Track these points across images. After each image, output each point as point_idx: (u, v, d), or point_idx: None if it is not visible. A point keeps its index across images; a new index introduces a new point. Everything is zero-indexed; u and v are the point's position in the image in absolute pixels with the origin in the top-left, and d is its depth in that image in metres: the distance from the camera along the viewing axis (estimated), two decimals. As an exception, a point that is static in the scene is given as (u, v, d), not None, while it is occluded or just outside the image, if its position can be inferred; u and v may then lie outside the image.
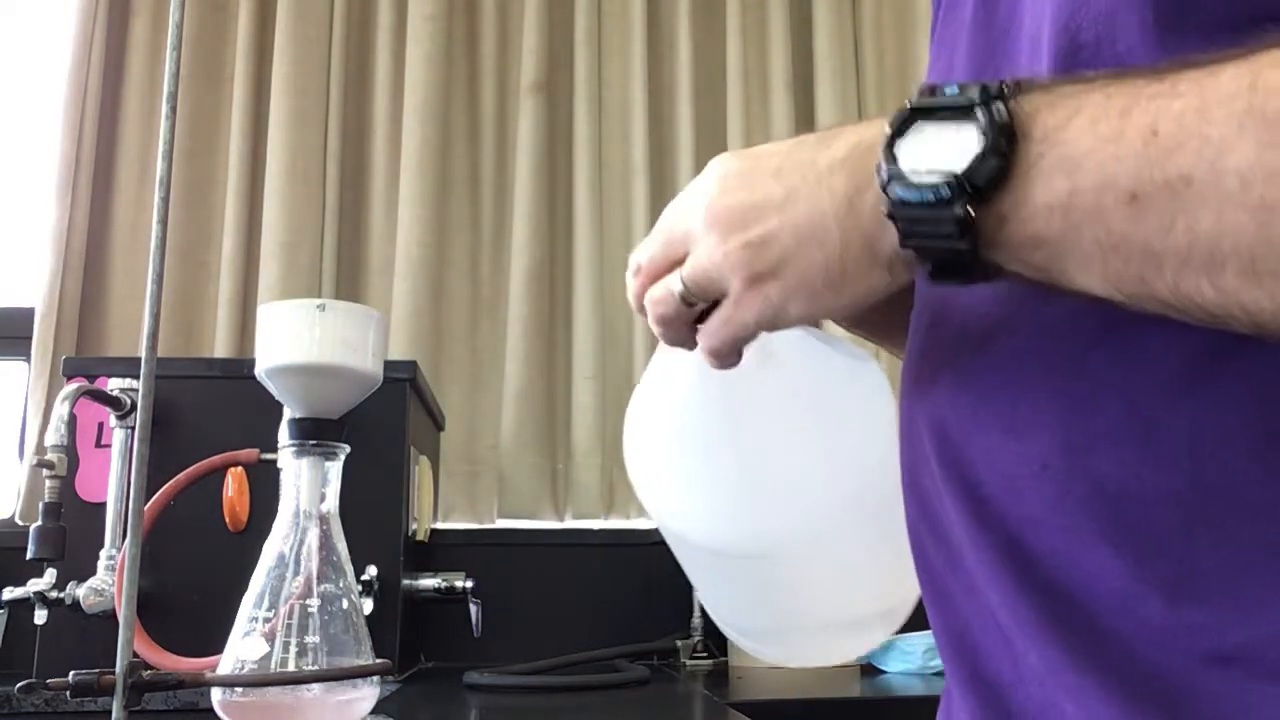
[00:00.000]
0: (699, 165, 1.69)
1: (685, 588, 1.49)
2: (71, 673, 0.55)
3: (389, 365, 0.81)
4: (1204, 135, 0.31)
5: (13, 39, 1.70)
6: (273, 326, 0.71)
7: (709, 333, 0.47)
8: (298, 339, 0.70)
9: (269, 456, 0.87)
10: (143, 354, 0.53)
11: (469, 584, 1.23)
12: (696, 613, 1.47)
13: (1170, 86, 0.32)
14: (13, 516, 1.44)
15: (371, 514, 1.10)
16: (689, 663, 1.42)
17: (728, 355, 0.47)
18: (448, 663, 1.37)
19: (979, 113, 0.36)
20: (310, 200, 1.59)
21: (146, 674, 0.54)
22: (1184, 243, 0.32)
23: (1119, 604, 0.38)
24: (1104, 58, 0.39)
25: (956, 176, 0.35)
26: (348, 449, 0.74)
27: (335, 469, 0.74)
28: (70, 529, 1.00)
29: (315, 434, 0.72)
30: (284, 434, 0.73)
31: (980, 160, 0.35)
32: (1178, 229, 0.32)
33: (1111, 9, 0.39)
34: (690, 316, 0.47)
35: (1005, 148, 0.35)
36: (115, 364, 1.13)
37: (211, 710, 0.67)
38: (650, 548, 1.54)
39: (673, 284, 0.47)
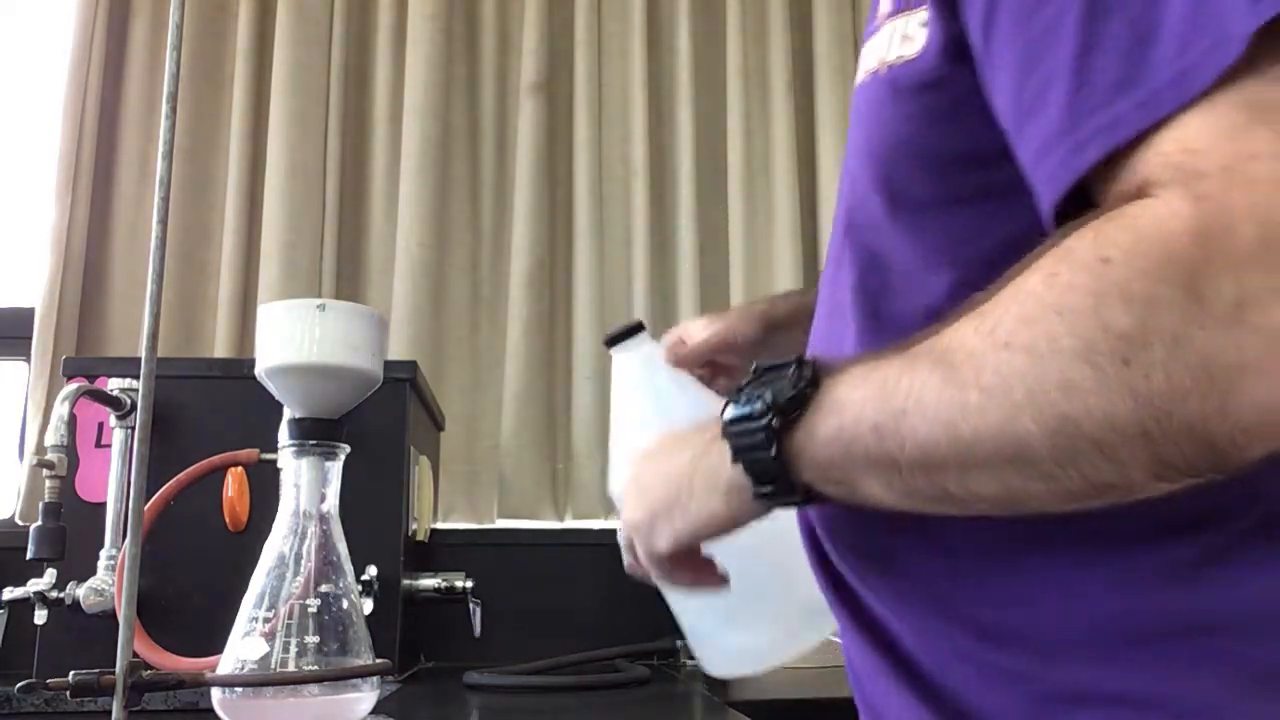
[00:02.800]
0: (699, 165, 1.71)
1: (685, 588, 1.49)
2: (71, 673, 0.55)
3: (389, 365, 0.81)
4: (913, 378, 0.44)
5: (13, 39, 1.70)
6: (273, 326, 0.71)
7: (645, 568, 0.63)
8: (298, 339, 0.70)
9: (269, 456, 0.87)
10: (143, 354, 0.53)
11: (469, 584, 1.23)
12: (696, 613, 1.47)
13: (897, 351, 0.46)
14: (13, 516, 1.44)
15: (371, 514, 1.09)
16: (689, 663, 1.42)
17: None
18: (448, 663, 1.36)
19: (794, 366, 0.49)
20: (310, 200, 1.59)
21: (146, 674, 0.54)
22: (913, 453, 0.44)
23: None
24: (864, 225, 0.57)
25: (767, 396, 0.49)
26: (348, 449, 0.74)
27: (335, 469, 0.74)
28: (70, 529, 1.00)
29: (315, 434, 0.72)
30: (284, 434, 0.73)
31: (785, 388, 0.49)
32: (907, 444, 0.44)
33: (866, 193, 0.56)
34: None
35: (805, 390, 0.48)
36: (115, 364, 1.13)
37: (211, 710, 0.67)
38: (650, 548, 1.54)
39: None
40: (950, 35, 0.49)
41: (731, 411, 0.51)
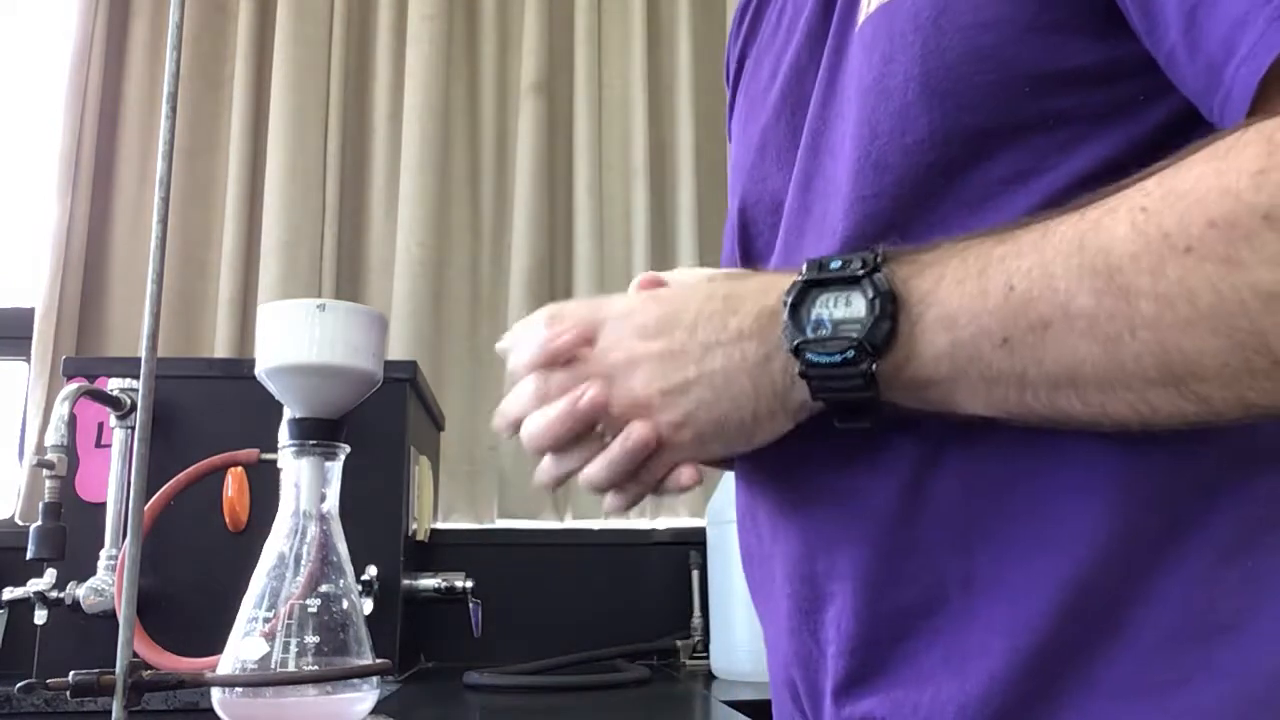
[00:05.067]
0: (699, 165, 1.71)
1: (685, 588, 1.50)
2: (71, 673, 0.55)
3: (389, 365, 0.81)
4: (1053, 288, 0.39)
5: (13, 38, 1.70)
6: (273, 326, 0.71)
7: (612, 462, 0.50)
8: (298, 339, 0.70)
9: (269, 456, 0.87)
10: (143, 354, 0.53)
11: (469, 584, 1.23)
12: (696, 613, 1.47)
13: (1014, 247, 0.41)
14: (13, 516, 1.44)
15: (371, 514, 1.09)
16: (689, 663, 1.42)
17: (625, 497, 0.52)
18: (448, 663, 1.37)
19: (865, 284, 0.43)
20: (310, 200, 1.59)
21: (146, 674, 0.54)
22: (1052, 370, 0.40)
23: None
24: (893, 149, 0.49)
25: (858, 341, 0.43)
26: (348, 449, 0.74)
27: (335, 469, 0.74)
28: (70, 529, 1.00)
29: (315, 434, 0.72)
30: (284, 434, 0.73)
31: (875, 325, 0.42)
32: (1045, 360, 0.40)
33: (903, 109, 0.49)
34: (591, 441, 0.51)
35: (891, 311, 0.42)
36: (115, 364, 1.13)
37: (211, 710, 0.67)
38: (650, 548, 1.54)
39: (584, 400, 0.50)
40: None
41: (810, 356, 0.44)
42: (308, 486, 0.72)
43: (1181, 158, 0.38)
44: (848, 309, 0.43)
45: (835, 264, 0.44)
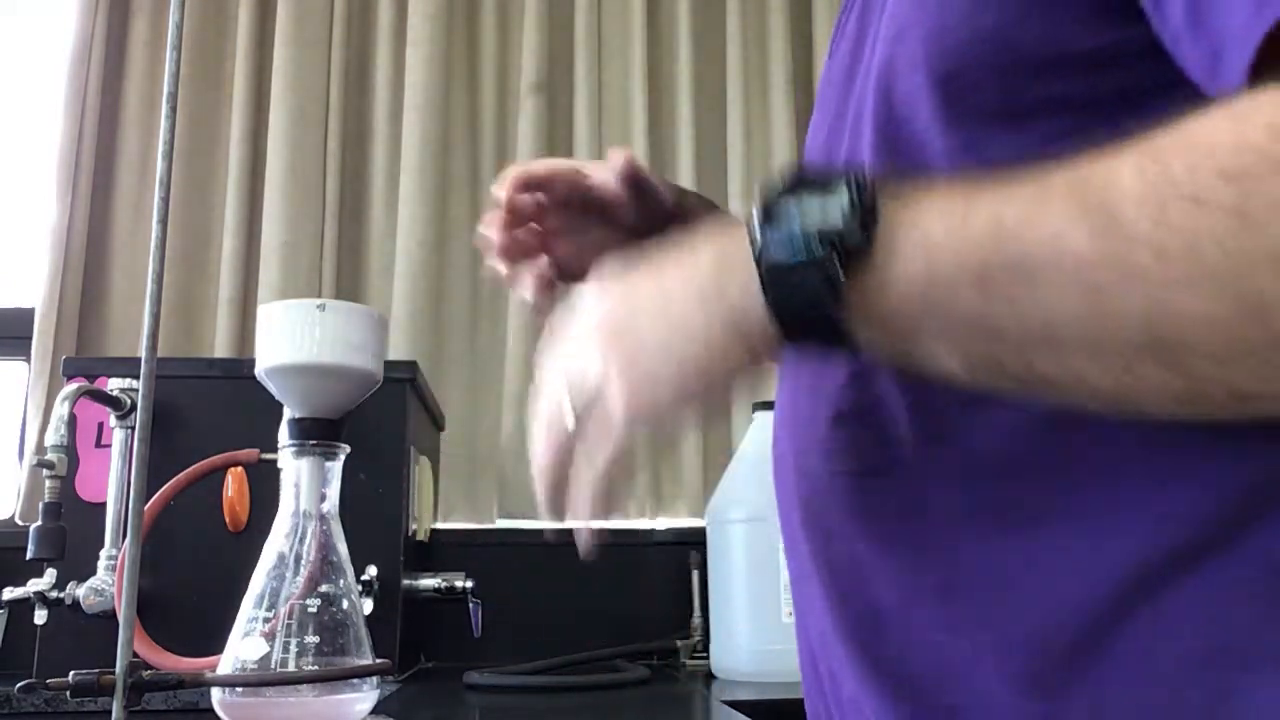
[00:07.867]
0: (699, 165, 1.71)
1: (685, 588, 1.49)
2: (71, 673, 0.55)
3: (389, 365, 0.81)
4: (1045, 224, 0.35)
5: (13, 38, 1.70)
6: (273, 326, 0.71)
7: (590, 450, 0.45)
8: (298, 339, 0.70)
9: (269, 456, 0.87)
10: (143, 354, 0.53)
11: (469, 584, 1.23)
12: (696, 613, 1.47)
13: (1010, 190, 0.37)
14: (13, 516, 1.44)
15: (371, 514, 1.09)
16: (689, 663, 1.42)
17: (614, 490, 0.46)
18: (448, 663, 1.36)
19: (844, 190, 0.39)
20: (310, 200, 1.59)
21: (146, 674, 0.54)
22: (1029, 320, 0.36)
23: None
24: (905, 133, 0.48)
25: (823, 229, 0.38)
26: (348, 449, 0.74)
27: (335, 469, 0.74)
28: (70, 529, 1.00)
29: (315, 434, 0.72)
30: (284, 434, 0.73)
31: (848, 225, 0.38)
32: (1020, 305, 0.36)
33: (912, 91, 0.47)
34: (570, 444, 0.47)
35: (868, 221, 0.38)
36: (115, 364, 1.13)
37: (211, 710, 0.67)
38: (650, 548, 1.54)
39: (558, 396, 0.46)
40: None
41: (774, 247, 0.39)
42: (308, 486, 0.72)
43: (1196, 114, 0.35)
44: (823, 216, 0.39)
45: (813, 177, 0.41)
